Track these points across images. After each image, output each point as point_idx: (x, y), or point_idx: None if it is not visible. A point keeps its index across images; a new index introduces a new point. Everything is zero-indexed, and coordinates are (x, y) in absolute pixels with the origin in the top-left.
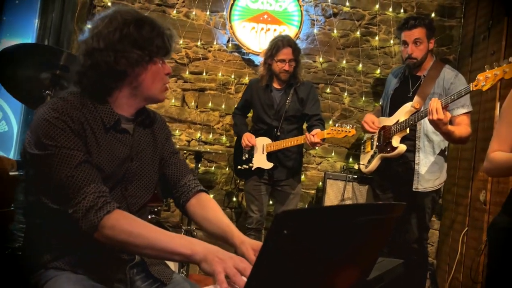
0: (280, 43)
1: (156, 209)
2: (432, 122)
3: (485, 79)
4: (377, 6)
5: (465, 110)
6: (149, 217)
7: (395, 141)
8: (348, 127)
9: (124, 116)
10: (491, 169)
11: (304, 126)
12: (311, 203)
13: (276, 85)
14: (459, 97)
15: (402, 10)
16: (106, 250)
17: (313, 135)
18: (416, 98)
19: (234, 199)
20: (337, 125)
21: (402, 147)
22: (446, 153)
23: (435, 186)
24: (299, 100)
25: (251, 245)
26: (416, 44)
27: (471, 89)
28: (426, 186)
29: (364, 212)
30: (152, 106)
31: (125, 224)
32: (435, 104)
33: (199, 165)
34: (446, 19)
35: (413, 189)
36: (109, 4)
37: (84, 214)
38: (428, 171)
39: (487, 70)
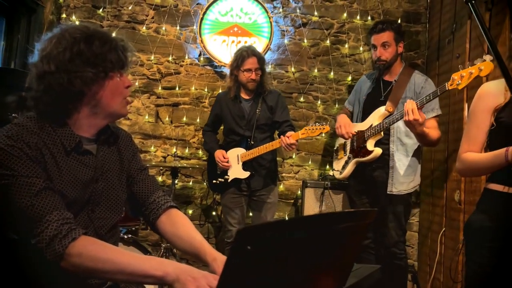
0: (244, 53)
1: (133, 228)
2: (408, 123)
3: (460, 78)
4: (345, 14)
5: (434, 114)
6: (125, 236)
7: (370, 145)
8: (321, 125)
9: (86, 137)
10: (463, 169)
11: (276, 134)
12: (291, 213)
13: (244, 95)
14: (435, 96)
15: (369, 18)
16: (75, 276)
17: (288, 137)
18: (388, 102)
19: (213, 213)
20: (310, 124)
21: (378, 151)
22: (419, 155)
23: (409, 188)
24: (268, 108)
25: (224, 262)
26: (384, 47)
27: (447, 88)
28: (401, 189)
29: (331, 221)
30: (126, 124)
31: (93, 250)
32: (410, 105)
33: (176, 180)
34: (412, 25)
35: (388, 192)
36: (77, 23)
37: (48, 243)
38: (403, 174)
39: (461, 69)
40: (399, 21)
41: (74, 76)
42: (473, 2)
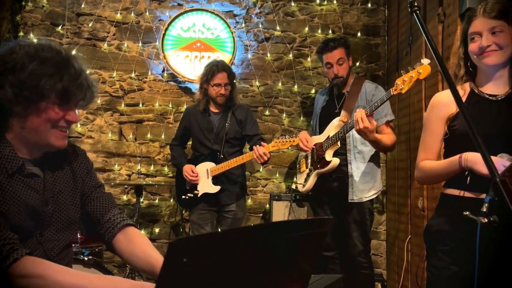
0: (215, 68)
1: (97, 250)
2: (359, 131)
3: (403, 82)
4: (307, 28)
5: (388, 119)
6: (86, 258)
7: (328, 155)
8: (290, 137)
9: (29, 159)
10: (421, 177)
11: (246, 148)
12: None
13: (213, 109)
14: (382, 103)
15: (330, 31)
16: None
17: (261, 147)
18: (342, 112)
19: (181, 230)
20: (280, 137)
21: (336, 160)
22: (377, 161)
23: (370, 195)
24: (237, 122)
25: None
26: (339, 64)
27: (392, 93)
28: (361, 196)
29: (278, 230)
30: (88, 142)
31: (37, 271)
32: (359, 113)
33: (142, 199)
34: (371, 38)
35: (349, 200)
36: (35, 40)
37: None
38: (361, 181)
39: (404, 74)
40: (359, 34)
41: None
42: (418, 12)
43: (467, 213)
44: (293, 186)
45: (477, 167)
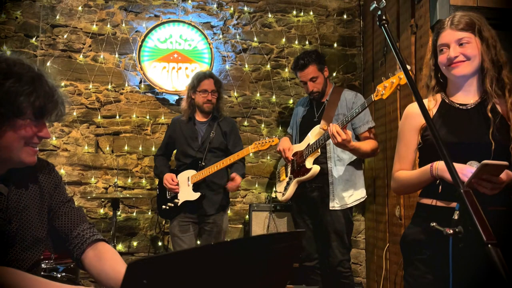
0: (201, 75)
1: (71, 266)
2: (337, 144)
3: (384, 88)
4: (284, 39)
5: (369, 125)
6: (59, 275)
7: (309, 163)
8: (269, 138)
9: None
10: (397, 187)
11: None
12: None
13: (199, 118)
14: (363, 109)
15: (307, 42)
16: None
17: (232, 181)
18: (322, 121)
19: (160, 243)
20: (260, 139)
21: (316, 168)
22: (359, 168)
23: (350, 202)
24: (222, 133)
25: None
26: (313, 81)
27: (373, 99)
28: (342, 204)
29: (243, 247)
30: (64, 155)
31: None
32: (333, 128)
33: (119, 212)
34: (348, 48)
35: (330, 208)
36: (8, 52)
37: None
38: (343, 188)
39: (384, 80)
40: (335, 45)
41: None
42: (386, 25)
43: (434, 224)
44: (273, 195)
45: (447, 175)
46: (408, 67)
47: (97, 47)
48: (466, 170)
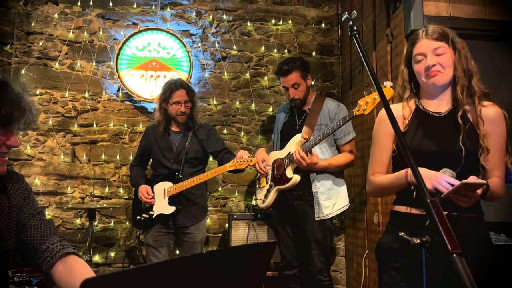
0: (173, 86)
1: (41, 280)
2: (305, 168)
3: (366, 103)
4: (263, 48)
5: (350, 137)
6: None
7: (289, 172)
8: (248, 157)
9: None
10: (372, 191)
11: (208, 168)
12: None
13: (174, 128)
14: (345, 122)
15: (286, 51)
16: None
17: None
18: (304, 129)
19: (138, 253)
20: (239, 147)
21: (297, 178)
22: (341, 177)
23: (334, 211)
24: (199, 141)
25: None
26: (295, 87)
27: (355, 114)
28: (327, 213)
29: (206, 261)
30: (39, 165)
31: None
32: (297, 155)
33: (96, 222)
34: (326, 57)
35: (316, 218)
36: None
37: None
38: (325, 198)
39: (366, 96)
40: (314, 53)
41: None
42: (357, 36)
43: (402, 233)
44: (253, 202)
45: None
46: (390, 83)
47: (74, 55)
48: (441, 179)
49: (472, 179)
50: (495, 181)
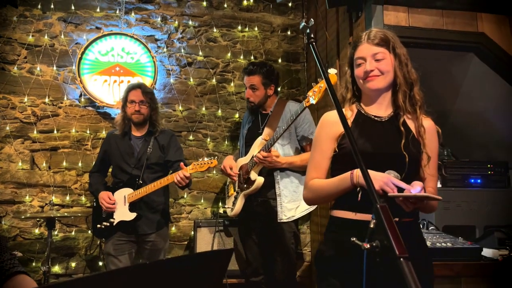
0: (130, 86)
1: None
2: (270, 167)
3: (313, 94)
4: (229, 54)
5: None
6: None
7: (253, 175)
8: (208, 159)
9: None
10: (311, 197)
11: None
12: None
13: (135, 133)
14: (297, 116)
15: (252, 57)
16: None
17: (182, 170)
18: (265, 131)
19: (100, 263)
20: (199, 159)
21: (260, 179)
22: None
23: (297, 214)
24: (160, 147)
25: None
26: (252, 89)
27: (305, 105)
28: (289, 216)
29: (162, 269)
30: None
31: None
32: (259, 156)
33: (56, 231)
34: (292, 64)
35: (278, 220)
36: None
37: None
38: (289, 200)
39: (314, 86)
40: (280, 60)
41: None
42: (314, 44)
43: (354, 239)
44: (221, 210)
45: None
46: (334, 70)
47: (33, 59)
48: (388, 180)
49: (420, 185)
50: (431, 192)
